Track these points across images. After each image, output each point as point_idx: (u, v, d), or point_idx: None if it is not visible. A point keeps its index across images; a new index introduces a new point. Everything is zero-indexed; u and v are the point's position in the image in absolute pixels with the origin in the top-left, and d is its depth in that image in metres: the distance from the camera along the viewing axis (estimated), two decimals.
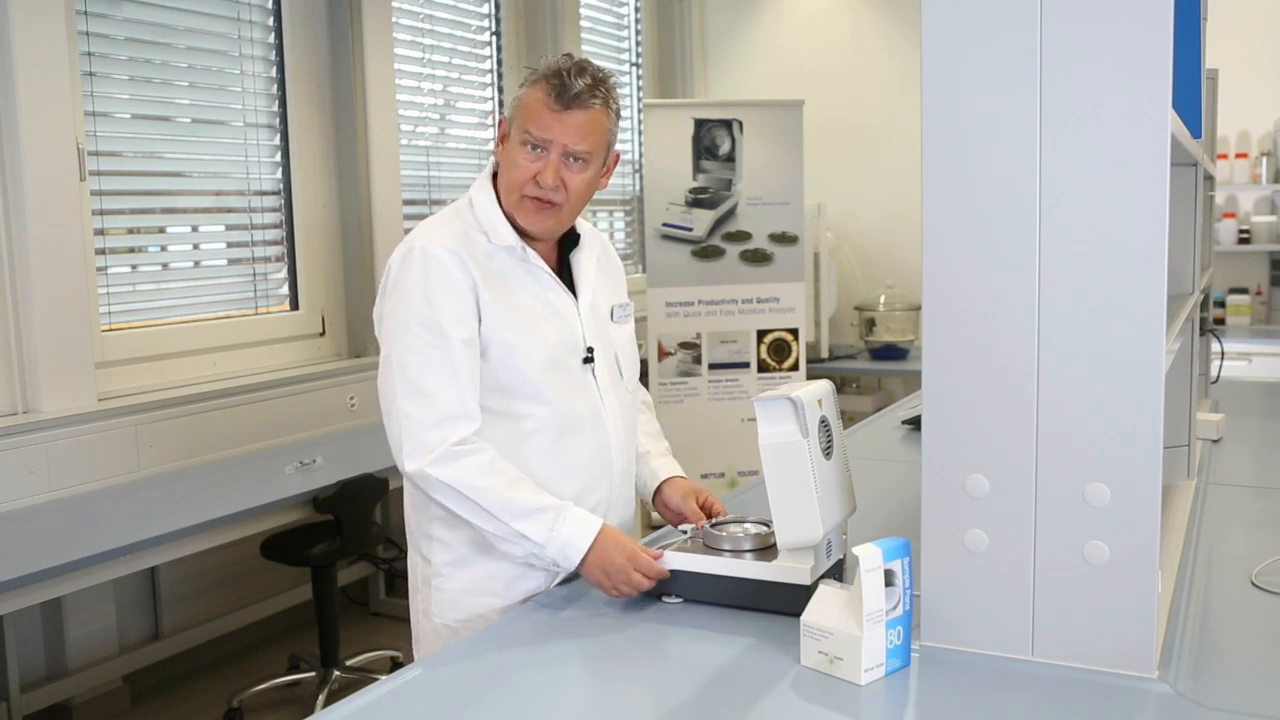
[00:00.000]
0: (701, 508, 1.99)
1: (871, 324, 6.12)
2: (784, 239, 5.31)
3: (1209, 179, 2.70)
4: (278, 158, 4.29)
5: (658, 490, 2.05)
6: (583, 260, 1.96)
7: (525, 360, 1.82)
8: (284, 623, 4.20)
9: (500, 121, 1.89)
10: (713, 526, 1.81)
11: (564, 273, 1.95)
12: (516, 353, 1.82)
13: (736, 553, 1.75)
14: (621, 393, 1.97)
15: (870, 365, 5.97)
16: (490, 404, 1.83)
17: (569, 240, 1.97)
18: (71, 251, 3.41)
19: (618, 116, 1.88)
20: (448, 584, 1.89)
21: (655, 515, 2.03)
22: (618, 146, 1.93)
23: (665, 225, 5.21)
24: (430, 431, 1.76)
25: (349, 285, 4.54)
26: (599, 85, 1.82)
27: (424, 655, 1.92)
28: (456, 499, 1.77)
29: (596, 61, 1.88)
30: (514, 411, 1.84)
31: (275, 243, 4.32)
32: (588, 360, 1.90)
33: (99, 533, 2.92)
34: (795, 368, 5.36)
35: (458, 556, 1.89)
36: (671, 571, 1.76)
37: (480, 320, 1.81)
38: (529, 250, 1.87)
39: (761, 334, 5.34)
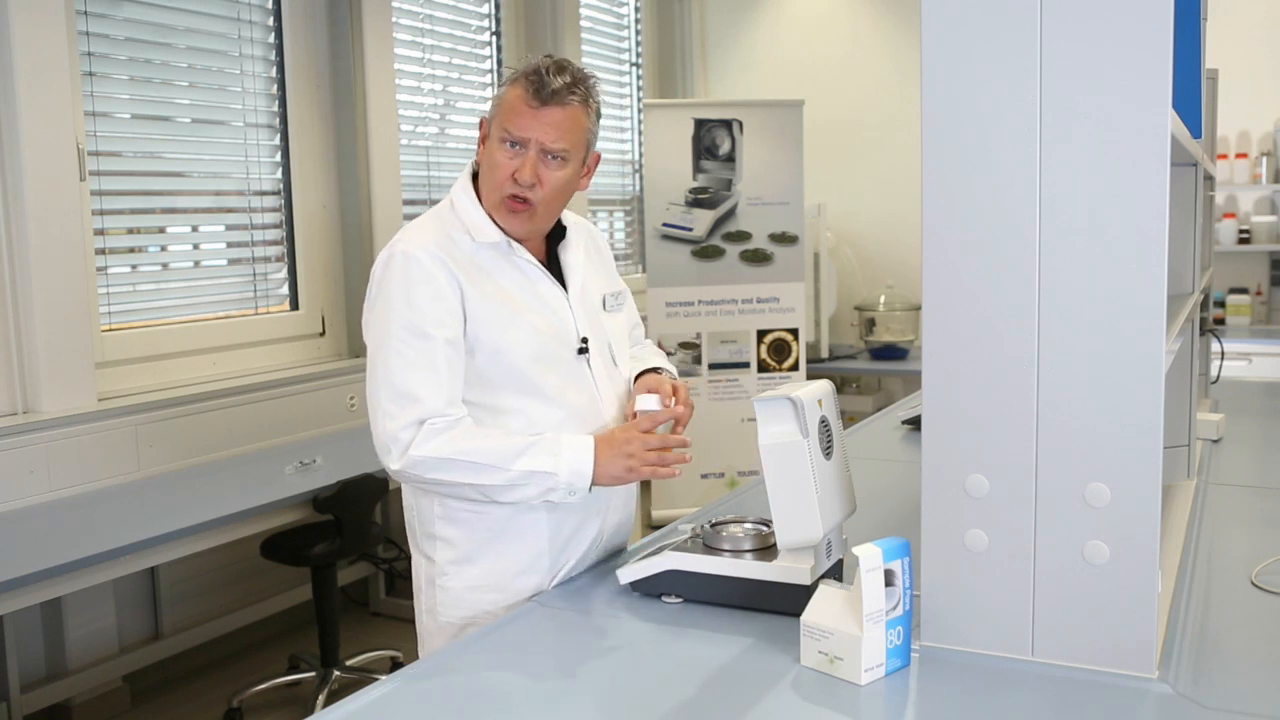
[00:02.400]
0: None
1: (871, 324, 6.12)
2: (784, 239, 5.31)
3: (1209, 179, 2.70)
4: (278, 158, 4.29)
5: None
6: (570, 252, 1.97)
7: (513, 354, 1.83)
8: (284, 623, 4.20)
9: (481, 122, 1.89)
10: (712, 526, 1.82)
11: (554, 266, 1.95)
12: (504, 347, 1.82)
13: (736, 553, 1.75)
14: (617, 381, 1.98)
15: (870, 365, 5.97)
16: (483, 400, 1.84)
17: (556, 234, 1.97)
18: (71, 251, 3.41)
19: (598, 116, 1.88)
20: (452, 582, 1.90)
21: (655, 515, 2.03)
22: (600, 146, 1.94)
23: (665, 225, 5.21)
24: (410, 431, 1.77)
25: (349, 285, 4.54)
26: (577, 83, 1.82)
27: (429, 655, 1.92)
28: (452, 468, 1.76)
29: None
30: (508, 406, 1.85)
31: (275, 243, 4.32)
32: (582, 351, 1.91)
33: (99, 533, 2.92)
34: (795, 368, 5.36)
35: (461, 554, 1.89)
36: (671, 571, 1.76)
37: (465, 319, 1.81)
38: (514, 245, 1.88)
39: (761, 334, 5.34)
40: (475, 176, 1.92)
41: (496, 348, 1.82)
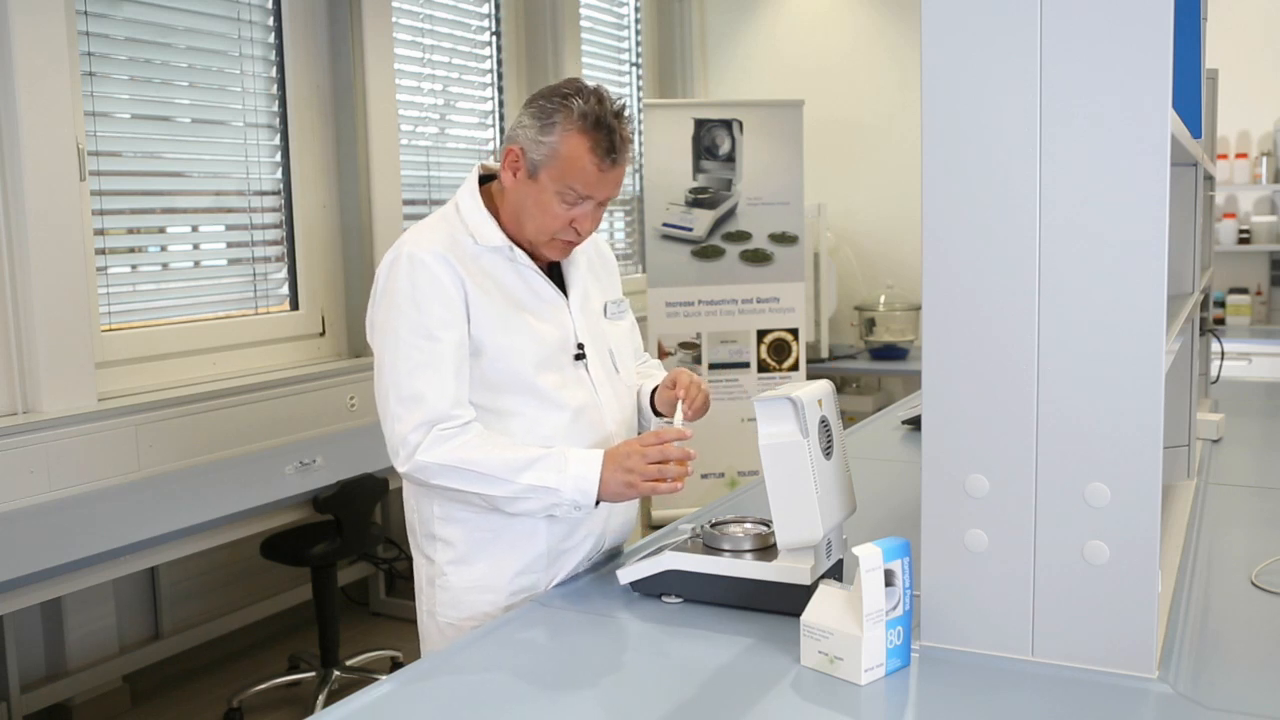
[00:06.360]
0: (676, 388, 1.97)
1: (871, 324, 6.12)
2: (784, 239, 5.31)
3: (1209, 179, 2.70)
4: (278, 158, 4.29)
5: (652, 403, 2.05)
6: (574, 259, 1.96)
7: (517, 359, 1.83)
8: (284, 623, 4.20)
9: (510, 150, 1.83)
10: (713, 527, 1.82)
11: (555, 272, 1.95)
12: (508, 352, 1.83)
13: (736, 553, 1.75)
14: (619, 387, 1.98)
15: (870, 365, 5.97)
16: (485, 402, 1.84)
17: None
18: (71, 251, 3.41)
19: None
20: (451, 582, 1.90)
21: (655, 514, 2.03)
22: None
23: (665, 225, 5.21)
24: (419, 432, 1.78)
25: (349, 285, 4.54)
26: (631, 132, 1.82)
27: (429, 655, 1.93)
28: (458, 475, 1.77)
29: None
30: (510, 409, 1.85)
31: (275, 243, 4.32)
32: (579, 357, 1.91)
33: (99, 533, 2.92)
34: (795, 368, 5.36)
35: (460, 555, 1.89)
36: (671, 571, 1.76)
37: (470, 322, 1.81)
38: (517, 250, 1.87)
39: (761, 334, 5.34)
40: (482, 179, 1.92)
41: (500, 351, 1.82)
